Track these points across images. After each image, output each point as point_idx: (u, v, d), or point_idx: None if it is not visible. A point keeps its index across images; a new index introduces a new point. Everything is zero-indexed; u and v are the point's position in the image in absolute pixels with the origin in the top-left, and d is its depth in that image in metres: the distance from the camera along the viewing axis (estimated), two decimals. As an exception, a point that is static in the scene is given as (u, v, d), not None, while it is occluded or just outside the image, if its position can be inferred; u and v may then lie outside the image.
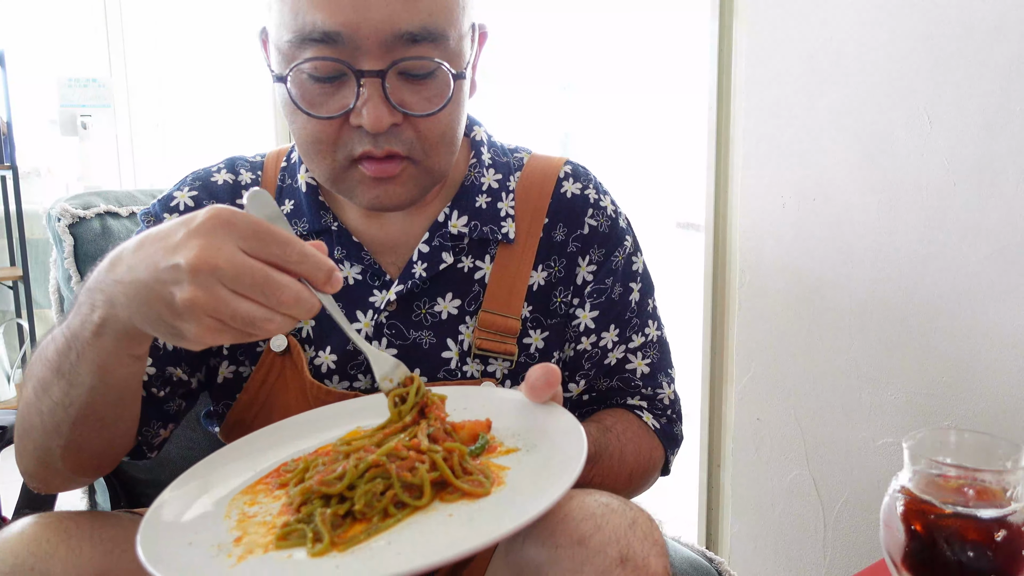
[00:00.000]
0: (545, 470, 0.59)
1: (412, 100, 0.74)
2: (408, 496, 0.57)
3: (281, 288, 0.56)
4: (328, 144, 0.75)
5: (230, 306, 0.55)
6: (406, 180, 0.77)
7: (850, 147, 1.27)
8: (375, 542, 0.54)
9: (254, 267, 0.55)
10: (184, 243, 0.55)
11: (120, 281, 0.59)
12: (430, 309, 0.85)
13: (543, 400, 0.68)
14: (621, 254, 0.91)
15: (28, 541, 0.65)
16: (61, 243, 1.09)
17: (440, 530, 0.54)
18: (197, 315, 0.55)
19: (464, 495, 0.58)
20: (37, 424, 0.70)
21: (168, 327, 0.57)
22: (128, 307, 0.59)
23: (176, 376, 0.84)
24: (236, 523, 0.59)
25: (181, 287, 0.55)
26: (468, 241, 0.86)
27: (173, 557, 0.54)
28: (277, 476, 0.66)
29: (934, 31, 1.15)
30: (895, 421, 1.27)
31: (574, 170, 0.92)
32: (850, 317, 1.31)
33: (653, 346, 0.94)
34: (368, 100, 0.72)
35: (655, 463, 0.92)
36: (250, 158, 0.93)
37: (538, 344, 0.88)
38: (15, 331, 3.09)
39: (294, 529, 0.56)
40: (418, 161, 0.77)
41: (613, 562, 0.61)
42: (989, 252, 1.13)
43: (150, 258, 0.57)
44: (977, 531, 0.61)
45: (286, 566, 0.53)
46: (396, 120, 0.73)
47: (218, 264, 0.54)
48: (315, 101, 0.74)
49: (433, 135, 0.76)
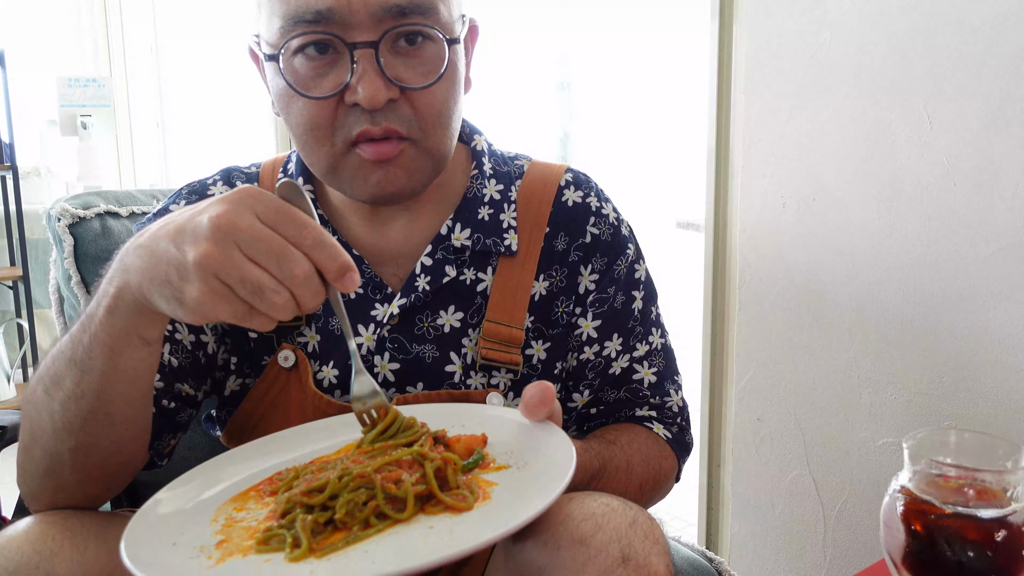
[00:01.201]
0: (531, 487, 0.60)
1: (407, 74, 0.74)
2: (391, 508, 0.58)
3: (295, 261, 0.56)
4: (325, 128, 0.75)
5: (241, 269, 0.55)
6: (406, 163, 0.76)
7: (850, 147, 1.27)
8: (353, 550, 0.54)
9: (272, 236, 0.56)
10: (209, 208, 0.56)
11: (140, 245, 0.59)
12: (432, 322, 0.84)
13: (539, 418, 0.68)
14: (623, 263, 0.90)
15: (33, 539, 0.65)
16: (61, 243, 1.09)
17: (419, 542, 0.55)
18: (205, 274, 0.55)
19: (447, 508, 0.58)
20: (47, 425, 0.69)
21: (173, 289, 0.57)
22: (141, 271, 0.59)
23: (184, 391, 0.83)
24: (222, 527, 0.60)
25: (198, 243, 0.55)
26: (470, 253, 0.85)
27: (154, 555, 0.55)
28: (270, 484, 0.66)
29: (934, 31, 1.15)
30: (895, 421, 1.27)
31: (575, 178, 0.91)
32: (850, 317, 1.31)
33: (658, 354, 0.93)
34: (363, 75, 0.72)
35: (667, 472, 0.91)
36: (245, 168, 0.92)
37: (540, 355, 0.87)
38: (15, 331, 3.09)
39: (275, 534, 0.57)
40: (417, 141, 0.76)
41: (615, 561, 0.61)
42: (989, 252, 1.13)
43: (174, 222, 0.58)
44: (977, 531, 0.61)
45: (263, 569, 0.53)
46: (392, 95, 0.73)
47: (238, 225, 0.55)
48: (309, 83, 0.74)
49: (431, 112, 0.76)
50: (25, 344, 2.98)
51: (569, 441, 0.64)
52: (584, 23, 3.45)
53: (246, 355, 0.86)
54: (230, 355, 0.87)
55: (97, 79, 3.58)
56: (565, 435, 0.66)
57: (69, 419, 0.67)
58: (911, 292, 1.22)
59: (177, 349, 0.83)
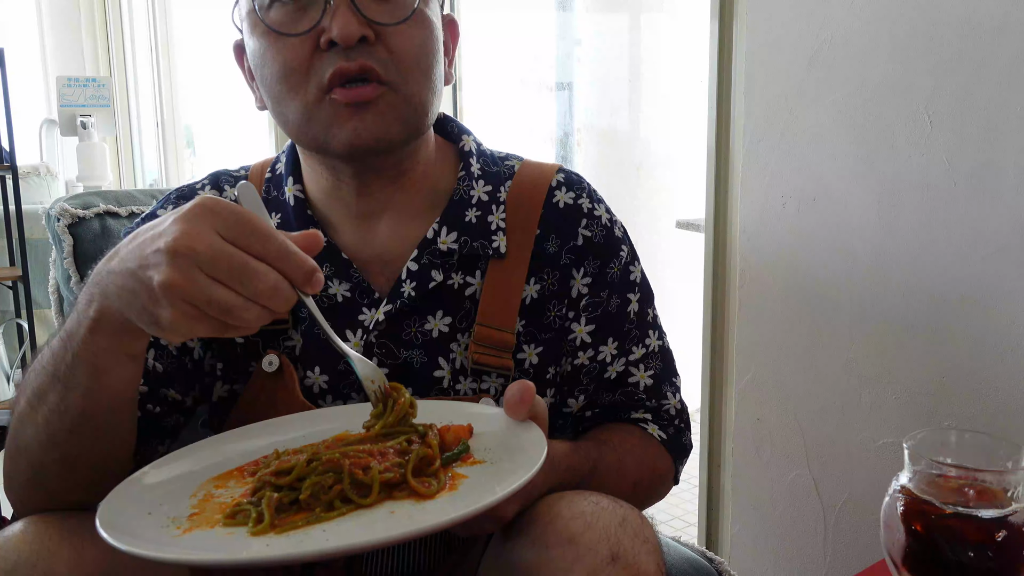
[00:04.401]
0: (495, 481, 0.61)
1: (381, 16, 0.74)
2: (356, 494, 0.59)
3: (258, 277, 0.55)
4: (300, 73, 0.75)
5: (205, 291, 0.55)
6: (384, 110, 0.75)
7: (850, 147, 1.27)
8: (312, 529, 0.56)
9: (232, 253, 0.55)
10: (168, 228, 0.56)
11: (112, 271, 0.59)
12: (420, 327, 0.83)
13: (521, 417, 0.68)
14: (617, 265, 0.88)
15: (31, 539, 0.65)
16: (61, 243, 1.09)
17: (378, 525, 0.57)
18: (173, 299, 0.55)
19: (411, 495, 0.60)
20: (32, 437, 0.68)
21: (148, 314, 0.57)
22: (118, 297, 0.59)
23: (171, 397, 0.83)
24: (199, 502, 0.62)
25: (160, 270, 0.55)
26: (458, 257, 0.84)
27: (126, 522, 0.57)
28: (254, 466, 0.68)
29: (934, 31, 1.15)
30: (895, 421, 1.27)
31: (567, 178, 0.89)
32: (850, 317, 1.31)
33: (655, 357, 0.92)
34: (336, 10, 0.72)
35: (662, 473, 0.90)
36: (234, 172, 0.92)
37: (532, 359, 0.86)
38: (15, 331, 3.09)
39: (242, 509, 0.59)
40: (395, 85, 0.75)
41: (604, 560, 0.61)
42: (989, 252, 1.13)
43: (139, 246, 0.58)
44: (978, 531, 0.61)
45: (224, 540, 0.56)
46: (366, 33, 0.73)
47: (196, 248, 0.54)
48: (283, 26, 0.74)
49: (408, 56, 0.76)
50: (25, 344, 2.98)
51: (543, 438, 0.65)
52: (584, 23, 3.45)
53: (232, 361, 0.85)
54: (216, 361, 0.85)
55: (97, 79, 3.58)
56: (541, 433, 0.66)
57: (53, 432, 0.67)
58: (911, 292, 1.22)
59: (162, 354, 0.82)
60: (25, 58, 3.81)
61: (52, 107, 3.58)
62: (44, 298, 3.03)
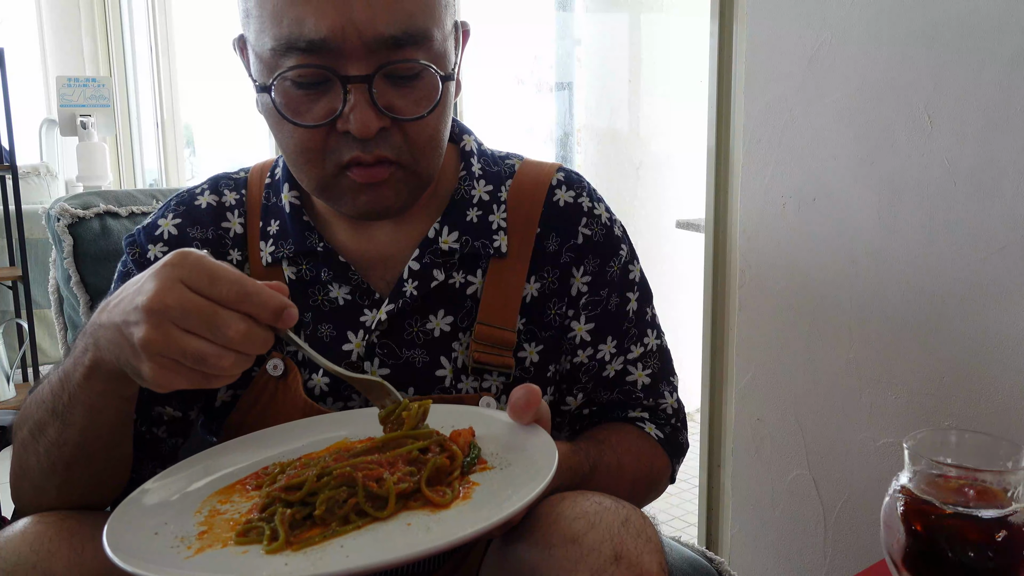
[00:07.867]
0: (510, 488, 0.60)
1: (400, 104, 0.73)
2: (371, 507, 0.58)
3: (227, 324, 0.57)
4: (316, 152, 0.74)
5: (179, 344, 0.57)
6: (395, 184, 0.76)
7: (850, 147, 1.27)
8: (329, 545, 0.55)
9: (200, 304, 0.57)
10: (144, 285, 0.59)
11: (103, 324, 0.62)
12: (422, 327, 0.83)
13: (526, 421, 0.68)
14: (616, 264, 0.89)
15: (31, 540, 0.65)
16: (61, 243, 1.09)
17: (396, 538, 0.56)
18: (151, 355, 0.57)
19: (426, 506, 0.59)
20: (34, 465, 0.72)
21: (131, 368, 0.60)
22: (109, 349, 0.62)
23: (167, 415, 0.84)
24: (205, 518, 0.61)
25: (139, 327, 0.57)
26: (459, 256, 0.84)
27: (135, 543, 0.56)
28: (256, 479, 0.67)
29: (934, 31, 1.15)
30: (895, 421, 1.27)
31: (567, 177, 0.90)
32: (850, 317, 1.31)
33: (653, 356, 0.92)
34: (355, 106, 0.71)
35: (659, 472, 0.91)
36: (234, 175, 0.91)
37: (533, 357, 0.86)
38: (15, 331, 3.09)
39: (254, 527, 0.58)
40: (406, 165, 0.76)
41: (607, 560, 0.61)
42: (989, 252, 1.13)
43: (122, 302, 0.60)
44: (978, 531, 0.61)
45: (239, 560, 0.55)
46: (384, 124, 0.73)
47: (166, 303, 0.57)
48: (300, 109, 0.73)
49: (422, 139, 0.75)
50: (25, 344, 2.97)
51: (552, 444, 0.65)
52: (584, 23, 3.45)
53: None
54: None
55: (97, 79, 3.58)
56: (549, 438, 0.66)
57: (53, 462, 0.71)
58: (911, 292, 1.22)
59: None
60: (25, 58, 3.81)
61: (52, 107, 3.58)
62: (44, 298, 3.03)
